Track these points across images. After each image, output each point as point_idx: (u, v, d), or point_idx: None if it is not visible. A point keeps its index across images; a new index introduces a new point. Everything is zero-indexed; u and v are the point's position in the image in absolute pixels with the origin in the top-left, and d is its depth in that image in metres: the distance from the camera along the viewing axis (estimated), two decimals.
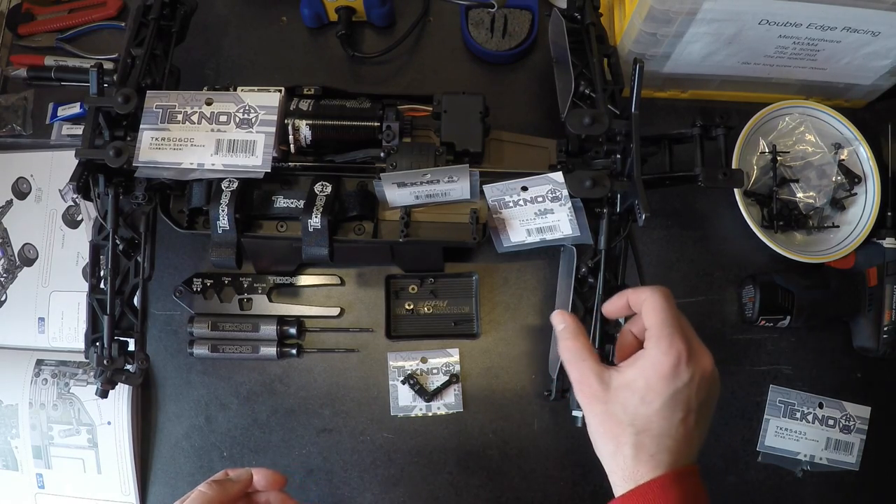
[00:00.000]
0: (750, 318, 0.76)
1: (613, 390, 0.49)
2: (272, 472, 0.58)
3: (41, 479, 0.76)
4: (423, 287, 0.78)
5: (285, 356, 0.76)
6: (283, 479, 0.58)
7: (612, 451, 0.48)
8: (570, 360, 0.52)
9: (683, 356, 0.48)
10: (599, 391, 0.49)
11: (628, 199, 0.60)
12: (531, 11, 0.80)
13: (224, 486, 0.55)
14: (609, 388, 0.49)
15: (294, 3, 0.81)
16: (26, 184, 0.82)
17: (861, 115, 0.81)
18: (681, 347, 0.48)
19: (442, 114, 0.66)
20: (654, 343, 0.49)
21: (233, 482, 0.56)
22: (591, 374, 0.50)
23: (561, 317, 0.55)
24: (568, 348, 0.53)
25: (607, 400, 0.49)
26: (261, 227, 0.67)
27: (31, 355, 0.77)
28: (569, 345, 0.53)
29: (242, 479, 0.56)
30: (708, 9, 0.65)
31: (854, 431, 0.76)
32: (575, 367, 0.52)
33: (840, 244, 0.76)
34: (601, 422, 0.49)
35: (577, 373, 0.51)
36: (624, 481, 0.48)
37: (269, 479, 0.57)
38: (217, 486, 0.54)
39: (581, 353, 0.52)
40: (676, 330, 0.49)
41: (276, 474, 0.58)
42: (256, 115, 0.65)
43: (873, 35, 0.68)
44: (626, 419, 0.48)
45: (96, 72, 0.63)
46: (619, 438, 0.48)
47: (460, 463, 0.75)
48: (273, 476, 0.57)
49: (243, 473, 0.57)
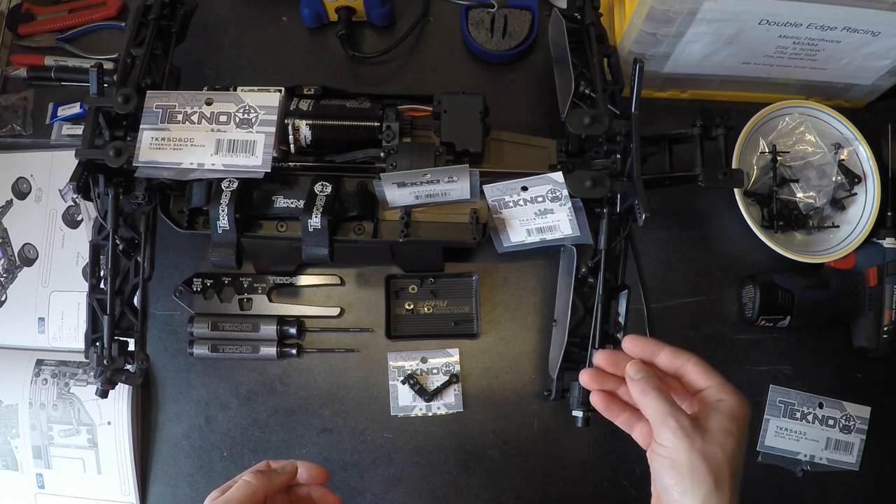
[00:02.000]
0: (750, 318, 0.76)
1: (711, 432, 0.50)
2: (316, 465, 0.57)
3: (41, 479, 0.76)
4: (423, 287, 0.78)
5: (285, 356, 0.76)
6: (326, 474, 0.57)
7: (708, 491, 0.48)
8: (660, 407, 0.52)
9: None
10: (694, 431, 0.50)
11: (628, 199, 0.60)
12: (531, 11, 0.80)
13: (269, 477, 0.54)
14: (707, 431, 0.50)
15: (294, 3, 0.82)
16: (26, 184, 0.82)
17: (861, 115, 0.81)
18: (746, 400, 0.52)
19: (442, 114, 0.66)
20: (728, 392, 0.52)
21: (278, 473, 0.55)
22: (682, 414, 0.51)
23: (636, 367, 0.54)
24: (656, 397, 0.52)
25: (706, 440, 0.50)
26: (261, 227, 0.67)
27: (31, 355, 0.77)
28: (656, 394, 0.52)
29: (288, 471, 0.55)
30: (708, 9, 0.65)
31: (854, 431, 0.76)
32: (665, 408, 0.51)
33: (840, 244, 0.76)
34: (698, 459, 0.49)
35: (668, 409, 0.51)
36: None
37: (313, 472, 0.56)
38: (263, 477, 0.53)
39: (668, 397, 0.52)
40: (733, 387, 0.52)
41: (320, 468, 0.57)
42: (256, 115, 0.65)
43: (873, 35, 0.68)
44: (725, 461, 0.49)
45: (96, 72, 0.63)
46: (718, 479, 0.49)
47: (460, 463, 0.75)
48: (317, 470, 0.56)
49: (289, 465, 0.56)
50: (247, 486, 0.52)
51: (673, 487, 0.49)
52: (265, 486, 0.53)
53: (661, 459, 0.50)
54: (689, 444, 0.49)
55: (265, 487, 0.53)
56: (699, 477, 0.48)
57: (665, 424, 0.50)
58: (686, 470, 0.49)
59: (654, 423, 0.51)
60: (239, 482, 0.53)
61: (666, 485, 0.50)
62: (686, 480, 0.49)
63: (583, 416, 0.64)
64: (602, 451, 0.75)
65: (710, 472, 0.48)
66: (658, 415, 0.50)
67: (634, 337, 0.56)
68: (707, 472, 0.48)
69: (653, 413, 0.51)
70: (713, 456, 0.49)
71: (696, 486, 0.48)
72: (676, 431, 0.49)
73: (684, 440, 0.49)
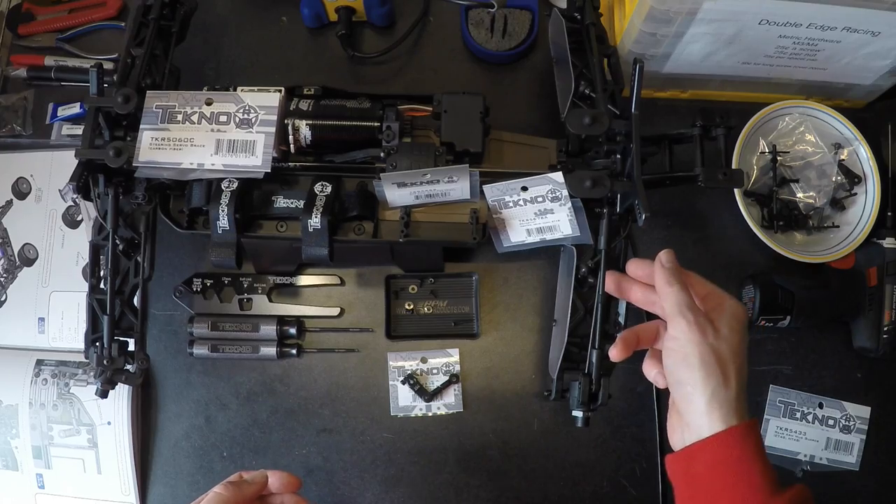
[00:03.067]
0: (750, 318, 0.76)
1: (718, 329, 0.52)
2: (287, 474, 0.58)
3: (41, 479, 0.76)
4: (423, 287, 0.78)
5: (285, 356, 0.76)
6: (297, 482, 0.58)
7: (718, 383, 0.51)
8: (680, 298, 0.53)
9: None
10: (709, 327, 0.52)
11: (628, 199, 0.60)
12: (531, 11, 0.80)
13: (240, 488, 0.55)
14: (715, 328, 0.52)
15: (294, 3, 0.81)
16: (26, 184, 0.82)
17: (861, 115, 0.81)
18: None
19: (442, 114, 0.66)
20: (726, 296, 0.55)
21: (249, 484, 0.56)
22: (698, 310, 0.53)
23: (669, 255, 0.56)
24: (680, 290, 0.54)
25: (718, 337, 0.52)
26: (261, 227, 0.67)
27: (31, 355, 0.77)
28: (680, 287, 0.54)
29: (258, 482, 0.56)
30: (708, 9, 0.65)
31: (854, 431, 0.76)
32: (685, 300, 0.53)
33: (840, 244, 0.76)
34: (709, 352, 0.51)
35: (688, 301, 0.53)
36: (727, 414, 0.50)
37: (284, 481, 0.57)
38: (233, 488, 0.54)
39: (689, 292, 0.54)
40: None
41: (291, 476, 0.58)
42: (256, 115, 0.65)
43: (873, 35, 0.68)
44: (731, 357, 0.52)
45: (96, 72, 0.63)
46: (726, 373, 0.51)
47: (460, 463, 0.75)
48: (288, 478, 0.57)
49: (258, 475, 0.57)
50: (218, 497, 0.53)
51: (686, 381, 0.52)
52: (236, 497, 0.54)
53: (674, 354, 0.53)
54: (702, 338, 0.51)
55: (236, 498, 0.54)
56: (708, 369, 0.51)
57: (683, 316, 0.52)
58: (697, 362, 0.51)
59: (672, 313, 0.53)
60: (210, 495, 0.54)
61: (679, 379, 0.52)
62: (697, 372, 0.51)
63: (583, 416, 0.64)
64: (602, 451, 0.75)
65: (717, 365, 0.51)
66: (677, 305, 0.53)
67: (638, 260, 0.59)
68: (715, 364, 0.51)
69: (672, 303, 0.53)
70: (721, 350, 0.51)
71: (707, 378, 0.51)
72: (692, 324, 0.52)
73: (697, 333, 0.51)
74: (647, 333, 0.57)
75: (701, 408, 0.51)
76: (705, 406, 0.50)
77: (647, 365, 0.58)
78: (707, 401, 0.50)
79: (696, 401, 0.51)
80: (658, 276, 0.55)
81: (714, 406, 0.50)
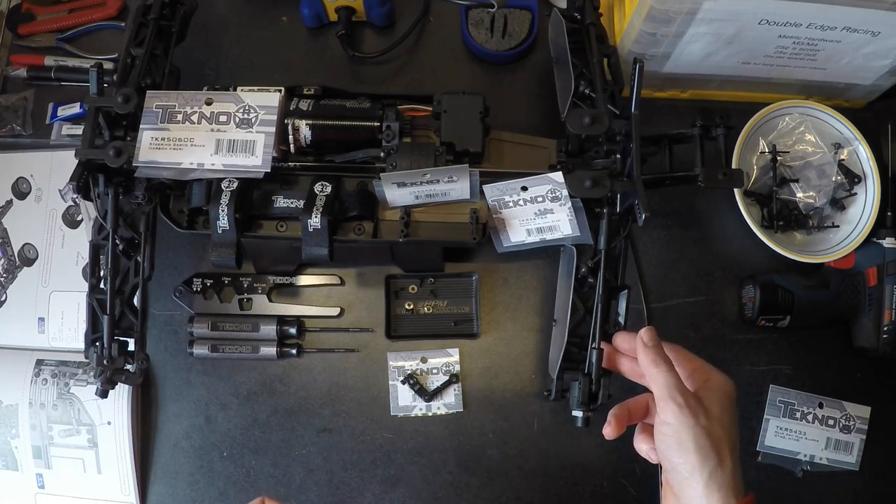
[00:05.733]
0: (750, 318, 0.76)
1: (709, 409, 0.52)
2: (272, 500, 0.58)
3: (41, 479, 0.76)
4: (423, 287, 0.78)
5: (285, 356, 0.76)
6: None
7: (714, 465, 0.50)
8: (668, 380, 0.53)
9: None
10: (700, 409, 0.51)
11: (628, 199, 0.60)
12: (531, 11, 0.80)
13: None
14: (705, 408, 0.52)
15: (294, 3, 0.81)
16: (26, 184, 0.82)
17: (861, 115, 0.81)
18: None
19: (442, 114, 0.66)
20: (713, 372, 0.55)
21: None
22: (688, 391, 0.52)
23: (650, 334, 0.55)
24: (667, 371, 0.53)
25: (709, 417, 0.51)
26: (261, 227, 0.67)
27: (31, 355, 0.77)
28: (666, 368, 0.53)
29: None
30: (708, 9, 0.65)
31: (854, 431, 0.76)
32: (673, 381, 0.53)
33: (840, 244, 0.76)
34: (703, 435, 0.50)
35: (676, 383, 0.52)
36: (726, 495, 0.50)
37: None
38: None
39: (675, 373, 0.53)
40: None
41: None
42: (256, 115, 0.65)
43: (873, 35, 0.68)
44: (724, 436, 0.51)
45: (96, 72, 0.63)
46: (721, 454, 0.50)
47: (460, 463, 0.75)
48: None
49: None
50: None
51: (682, 465, 0.51)
52: None
53: (667, 439, 0.52)
54: (695, 421, 0.50)
55: None
56: (704, 452, 0.50)
57: (673, 399, 0.51)
58: (692, 446, 0.50)
59: (661, 396, 0.52)
60: None
61: (674, 464, 0.51)
62: (693, 456, 0.50)
63: (583, 416, 0.64)
64: (602, 451, 0.75)
65: (712, 448, 0.50)
66: (666, 388, 0.52)
67: (624, 333, 0.59)
68: (711, 448, 0.50)
69: (660, 386, 0.52)
70: (714, 432, 0.51)
71: (703, 462, 0.50)
72: (683, 408, 0.51)
73: (690, 417, 0.50)
74: (637, 408, 0.57)
75: (699, 492, 0.50)
76: (703, 490, 0.50)
77: (638, 440, 0.57)
78: (705, 484, 0.50)
79: (693, 485, 0.50)
80: (641, 357, 0.54)
81: (713, 489, 0.50)
